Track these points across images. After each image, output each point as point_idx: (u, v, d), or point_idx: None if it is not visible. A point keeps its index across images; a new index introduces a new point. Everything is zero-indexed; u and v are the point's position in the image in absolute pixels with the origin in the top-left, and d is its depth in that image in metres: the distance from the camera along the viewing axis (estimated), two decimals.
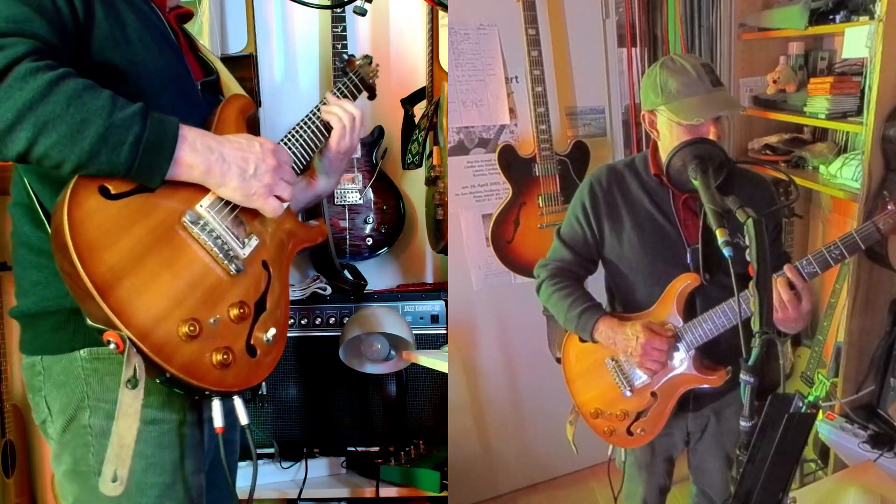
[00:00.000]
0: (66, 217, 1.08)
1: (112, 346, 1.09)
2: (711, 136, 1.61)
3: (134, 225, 1.14)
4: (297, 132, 1.46)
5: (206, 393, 1.18)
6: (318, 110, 1.50)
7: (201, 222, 1.21)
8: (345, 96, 1.55)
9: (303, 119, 1.48)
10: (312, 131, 1.47)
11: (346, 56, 2.54)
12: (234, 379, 1.21)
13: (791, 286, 1.52)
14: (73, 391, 1.23)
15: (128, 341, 1.08)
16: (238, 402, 1.25)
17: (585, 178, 1.83)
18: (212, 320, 1.18)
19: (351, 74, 1.60)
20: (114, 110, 1.09)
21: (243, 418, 1.25)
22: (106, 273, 1.09)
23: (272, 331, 1.27)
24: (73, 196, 1.10)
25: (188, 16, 1.49)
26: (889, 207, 1.51)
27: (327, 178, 1.57)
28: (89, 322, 1.11)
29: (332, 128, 1.50)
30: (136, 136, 1.09)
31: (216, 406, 1.22)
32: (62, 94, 1.06)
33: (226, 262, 1.22)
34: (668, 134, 1.68)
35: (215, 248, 1.21)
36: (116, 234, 1.12)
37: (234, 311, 1.22)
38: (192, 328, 1.14)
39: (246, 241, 1.27)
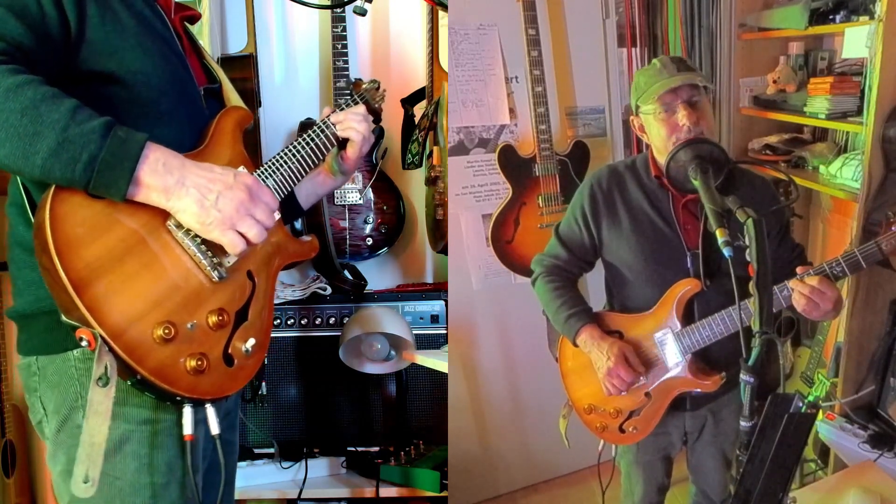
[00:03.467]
0: (48, 212, 1.07)
1: (84, 343, 1.08)
2: (683, 120, 1.60)
3: (117, 224, 1.13)
4: (279, 160, 1.41)
5: (178, 399, 1.16)
6: (312, 136, 1.47)
7: (186, 227, 1.19)
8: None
9: (289, 145, 1.44)
10: (302, 156, 1.44)
11: (353, 79, 2.53)
12: (208, 387, 1.18)
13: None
14: (67, 391, 1.23)
15: (100, 339, 1.07)
16: (210, 412, 1.23)
17: (586, 179, 1.83)
18: (189, 325, 1.17)
19: (356, 96, 1.59)
20: (70, 125, 1.06)
21: (214, 428, 1.23)
22: (83, 269, 1.08)
23: (251, 341, 1.25)
24: (57, 191, 1.09)
25: (194, 18, 1.47)
26: (893, 228, 1.50)
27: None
28: (63, 318, 1.10)
29: (333, 144, 1.50)
30: (90, 155, 1.06)
31: (187, 413, 1.20)
32: (18, 103, 1.04)
33: (209, 268, 1.20)
34: (651, 132, 1.68)
35: (198, 254, 1.19)
36: (98, 231, 1.11)
37: (213, 318, 1.20)
38: (167, 331, 1.12)
39: None
